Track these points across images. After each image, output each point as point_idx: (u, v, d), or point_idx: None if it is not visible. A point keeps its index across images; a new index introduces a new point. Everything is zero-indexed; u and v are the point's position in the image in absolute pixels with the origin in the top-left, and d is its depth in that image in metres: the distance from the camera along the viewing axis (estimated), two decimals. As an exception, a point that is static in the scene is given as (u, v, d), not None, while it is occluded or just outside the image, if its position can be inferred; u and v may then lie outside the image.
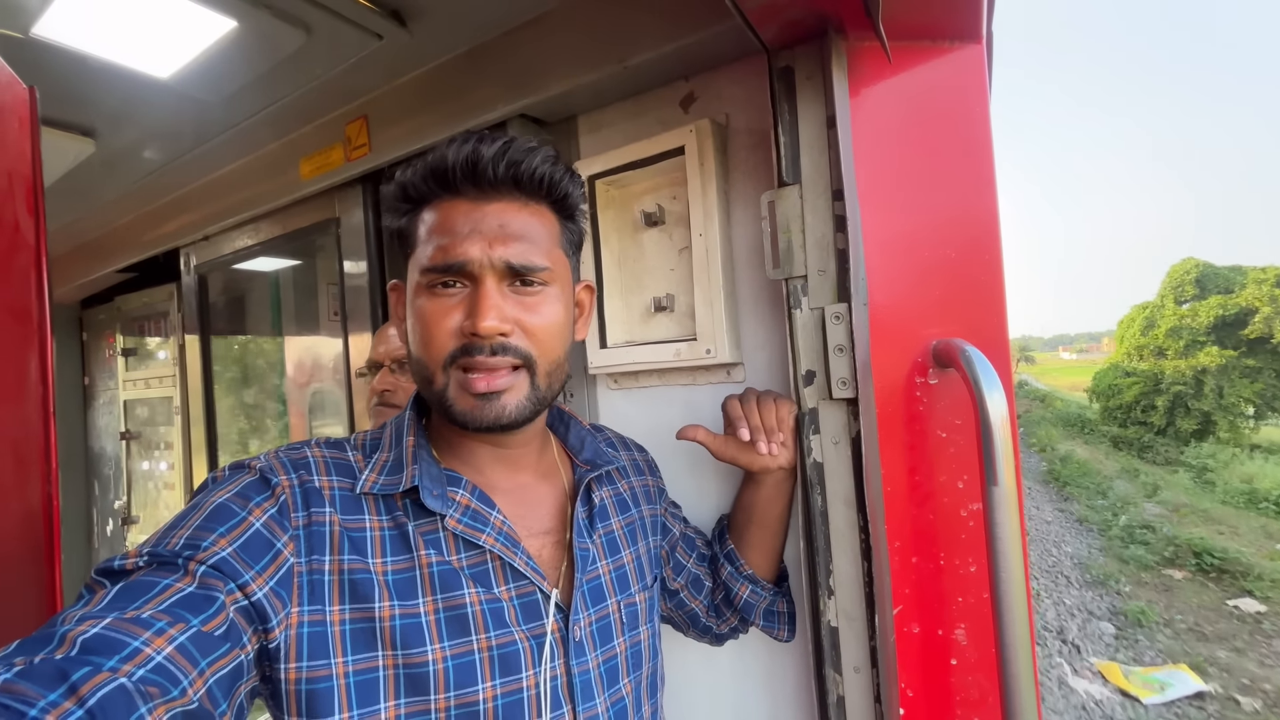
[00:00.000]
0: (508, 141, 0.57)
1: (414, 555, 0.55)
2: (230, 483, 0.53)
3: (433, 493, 0.57)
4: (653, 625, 0.71)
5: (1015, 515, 0.71)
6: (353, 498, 0.56)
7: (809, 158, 0.80)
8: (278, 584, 0.49)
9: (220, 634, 0.44)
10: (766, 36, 0.80)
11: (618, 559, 0.68)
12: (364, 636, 0.52)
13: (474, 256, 0.56)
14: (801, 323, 0.81)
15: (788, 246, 0.82)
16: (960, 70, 0.81)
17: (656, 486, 0.83)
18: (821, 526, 0.80)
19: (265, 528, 0.50)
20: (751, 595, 0.83)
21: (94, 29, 0.97)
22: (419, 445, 0.60)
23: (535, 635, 0.57)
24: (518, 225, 0.58)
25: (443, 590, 0.55)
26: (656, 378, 1.09)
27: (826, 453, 0.80)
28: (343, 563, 0.53)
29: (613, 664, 0.63)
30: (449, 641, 0.54)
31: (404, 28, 1.06)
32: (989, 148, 0.82)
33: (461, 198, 0.58)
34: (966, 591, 0.80)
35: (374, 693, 0.51)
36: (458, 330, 0.56)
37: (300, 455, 0.57)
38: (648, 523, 0.76)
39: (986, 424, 0.71)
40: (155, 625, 0.41)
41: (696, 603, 0.84)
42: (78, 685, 0.36)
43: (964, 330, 0.81)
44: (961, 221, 0.81)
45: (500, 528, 0.59)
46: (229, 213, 1.75)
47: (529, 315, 0.58)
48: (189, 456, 2.16)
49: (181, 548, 0.47)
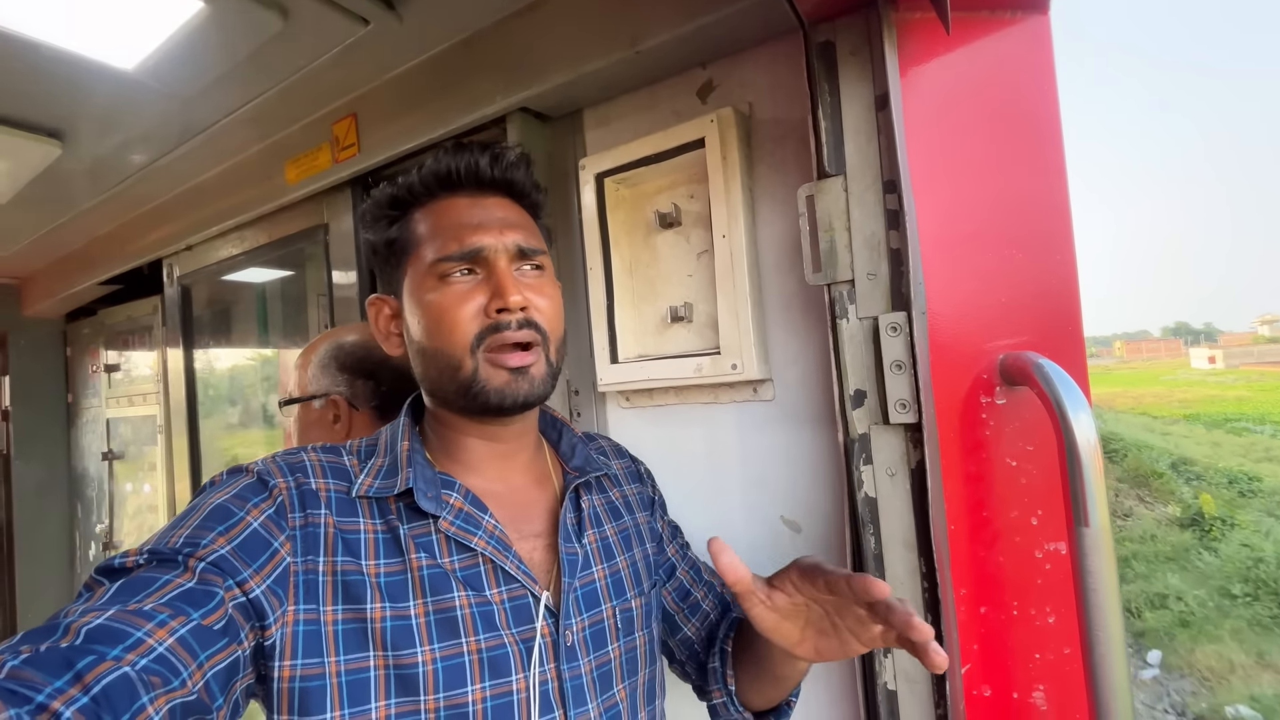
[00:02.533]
0: (496, 150, 0.64)
1: (405, 558, 0.56)
2: (229, 485, 0.54)
3: (427, 495, 0.57)
4: (649, 631, 0.69)
5: (1110, 560, 0.60)
6: (348, 500, 0.57)
7: (854, 145, 0.70)
8: (274, 582, 0.50)
9: (219, 628, 0.45)
10: (804, 8, 0.69)
11: (613, 564, 0.67)
12: (356, 637, 0.52)
13: (488, 242, 0.59)
14: (849, 335, 0.70)
15: (830, 247, 0.71)
16: (1025, 44, 0.71)
17: (651, 495, 0.80)
18: (876, 572, 0.69)
19: (263, 527, 0.51)
20: (723, 708, 0.70)
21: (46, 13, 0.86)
22: (413, 449, 0.61)
23: (525, 639, 0.57)
24: (514, 216, 0.63)
25: (433, 593, 0.55)
26: (674, 395, 0.99)
27: (881, 486, 0.68)
28: (337, 564, 0.53)
29: (606, 669, 0.62)
30: (439, 643, 0.54)
31: (392, 11, 0.96)
32: (1058, 132, 0.71)
33: (460, 195, 0.62)
34: (1044, 647, 0.68)
35: (365, 692, 0.51)
36: (480, 312, 0.59)
37: (297, 459, 0.58)
38: (643, 530, 0.74)
39: (1073, 451, 0.60)
40: (157, 617, 0.42)
41: (692, 627, 0.75)
42: (83, 673, 0.37)
43: (1034, 342, 0.70)
44: (1030, 216, 0.70)
45: (492, 531, 0.59)
46: (212, 220, 1.65)
47: (536, 296, 0.62)
48: (172, 478, 2.05)
49: (181, 545, 0.48)
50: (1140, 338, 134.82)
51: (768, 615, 0.55)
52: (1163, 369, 45.85)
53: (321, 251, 1.50)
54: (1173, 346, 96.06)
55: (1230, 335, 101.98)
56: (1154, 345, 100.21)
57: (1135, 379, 35.50)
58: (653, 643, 0.69)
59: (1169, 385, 28.94)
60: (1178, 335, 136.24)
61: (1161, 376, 35.80)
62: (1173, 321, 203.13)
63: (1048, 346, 0.69)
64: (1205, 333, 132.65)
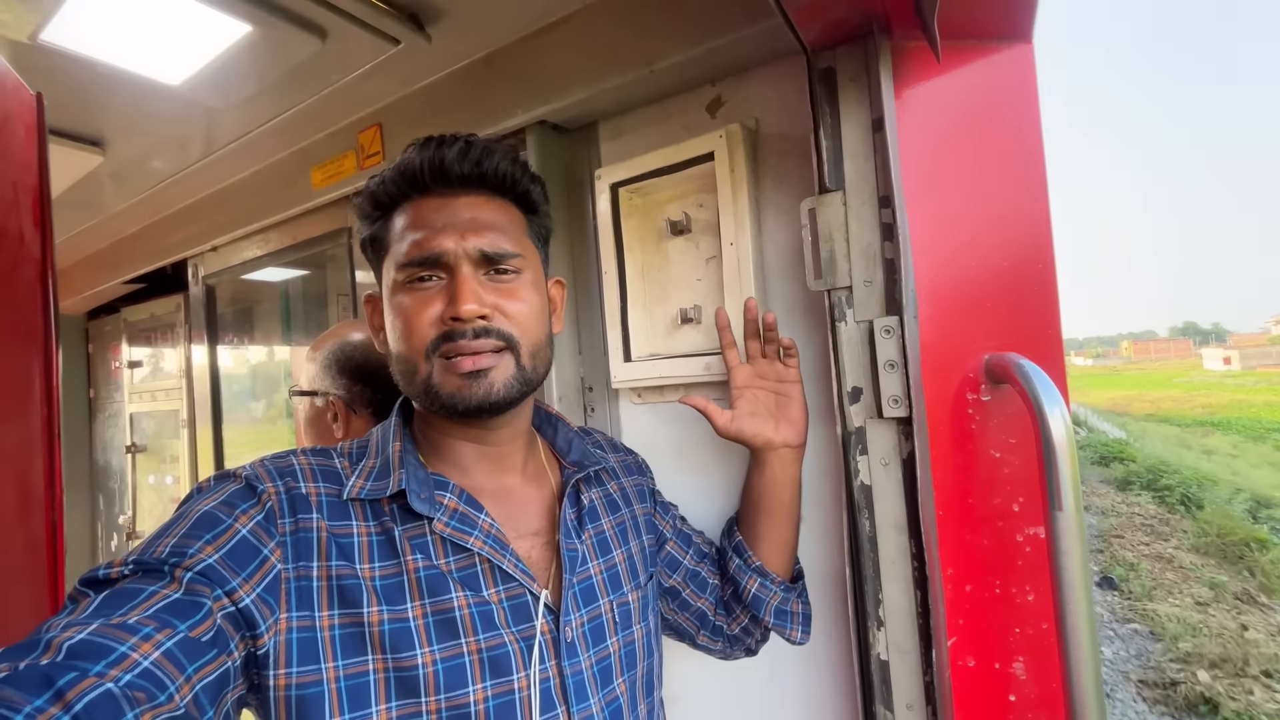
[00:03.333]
0: (468, 141, 0.60)
1: (401, 560, 0.55)
2: (216, 491, 0.53)
3: (420, 496, 0.57)
4: (646, 624, 0.70)
5: (1081, 543, 0.66)
6: (340, 504, 0.56)
7: (853, 163, 0.76)
8: (265, 590, 0.49)
9: (207, 640, 0.44)
10: (808, 36, 0.76)
11: (609, 559, 0.68)
12: (354, 641, 0.52)
13: (449, 248, 0.58)
14: (846, 336, 0.77)
15: (830, 256, 0.78)
16: (1010, 71, 0.77)
17: (647, 486, 0.81)
18: (870, 554, 0.75)
19: (252, 534, 0.50)
20: (760, 589, 0.79)
21: (104, 34, 0.93)
22: (405, 450, 0.61)
23: (525, 637, 0.57)
24: (487, 216, 0.60)
25: (430, 595, 0.55)
26: (683, 392, 1.05)
27: (875, 475, 0.75)
28: (331, 568, 0.53)
29: (606, 664, 0.62)
30: (438, 645, 0.54)
31: (422, 33, 1.03)
32: (1040, 151, 0.78)
33: (431, 195, 0.60)
34: (1024, 622, 0.75)
35: (365, 696, 0.51)
36: (438, 319, 0.58)
37: (286, 463, 0.57)
38: (640, 521, 0.75)
39: (1049, 444, 0.66)
40: (142, 630, 0.41)
41: (703, 601, 0.81)
42: (64, 691, 0.35)
43: (1017, 344, 0.76)
44: (1013, 229, 0.76)
45: (488, 530, 0.59)
46: (238, 223, 1.72)
47: (507, 301, 0.60)
48: (195, 469, 2.12)
49: (168, 555, 0.46)
50: (1146, 338, 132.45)
51: (727, 426, 0.79)
52: (1175, 370, 43.68)
53: (344, 253, 1.57)
54: (1182, 347, 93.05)
55: (1241, 336, 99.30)
56: (1163, 345, 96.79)
57: (1148, 381, 33.36)
58: (649, 635, 0.70)
59: (1185, 388, 27.14)
60: (1185, 335, 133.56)
61: (1176, 378, 33.53)
62: (1181, 321, 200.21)
63: (1029, 348, 0.75)
64: (1215, 333, 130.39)
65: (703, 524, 0.92)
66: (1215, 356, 51.18)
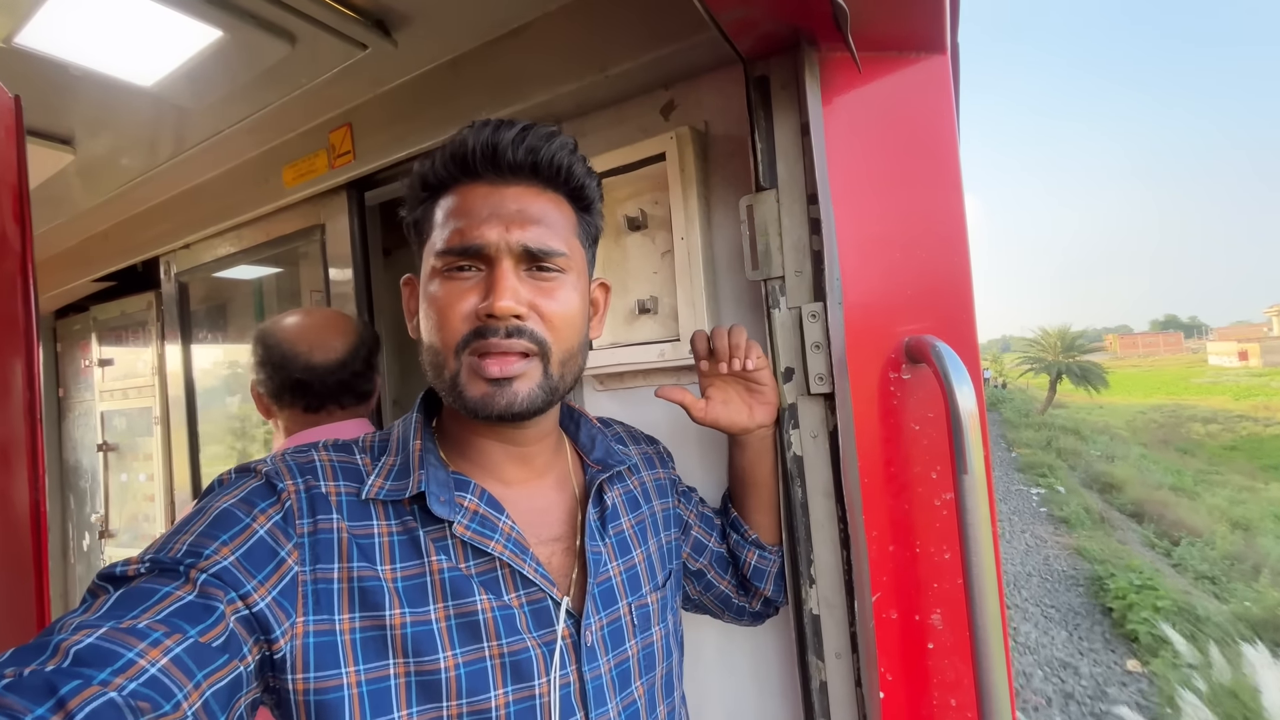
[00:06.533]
0: (526, 127, 0.57)
1: (425, 561, 0.55)
2: (236, 487, 0.53)
3: (440, 499, 0.55)
4: (665, 625, 0.69)
5: (985, 502, 0.74)
6: (360, 503, 0.55)
7: (785, 163, 0.83)
8: (280, 594, 0.48)
9: (219, 645, 0.43)
10: (743, 48, 0.83)
11: (629, 559, 0.67)
12: (375, 644, 0.51)
13: (491, 239, 0.55)
14: (780, 321, 0.84)
15: (765, 249, 0.85)
16: (927, 79, 0.85)
17: (669, 479, 0.81)
18: (802, 518, 0.83)
19: (269, 535, 0.50)
20: (760, 560, 0.83)
21: (78, 38, 0.97)
22: (426, 449, 0.59)
23: (546, 642, 0.57)
24: (536, 210, 0.58)
25: (454, 597, 0.54)
26: (641, 378, 1.12)
27: (806, 446, 0.83)
28: (352, 570, 0.52)
29: (625, 667, 0.62)
30: (461, 649, 0.53)
31: (388, 38, 1.08)
32: (955, 152, 0.86)
33: (480, 182, 0.58)
34: (941, 578, 0.83)
35: (387, 700, 0.50)
36: (472, 313, 0.55)
37: (307, 459, 0.56)
38: (659, 518, 0.75)
39: (956, 416, 0.74)
40: (151, 636, 0.41)
41: (725, 583, 0.84)
42: (66, 700, 0.35)
43: (934, 327, 0.84)
44: (930, 222, 0.84)
45: (509, 534, 0.57)
46: (211, 220, 1.74)
47: (545, 301, 0.57)
48: (169, 467, 2.13)
49: (184, 555, 0.46)
50: (1123, 332, 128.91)
51: (704, 414, 0.81)
52: (1179, 368, 36.10)
53: (317, 250, 1.61)
54: (1173, 341, 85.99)
55: (1228, 329, 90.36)
56: (1151, 339, 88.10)
57: (1146, 382, 25.73)
58: (668, 636, 0.69)
59: (1201, 391, 19.66)
60: (1167, 329, 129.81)
61: (1191, 379, 25.18)
62: (1161, 315, 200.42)
63: (945, 331, 0.83)
64: (1195, 326, 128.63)
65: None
66: (1226, 351, 45.12)
